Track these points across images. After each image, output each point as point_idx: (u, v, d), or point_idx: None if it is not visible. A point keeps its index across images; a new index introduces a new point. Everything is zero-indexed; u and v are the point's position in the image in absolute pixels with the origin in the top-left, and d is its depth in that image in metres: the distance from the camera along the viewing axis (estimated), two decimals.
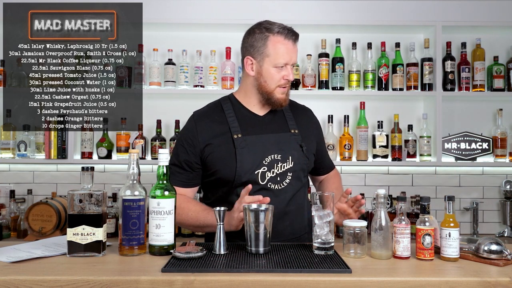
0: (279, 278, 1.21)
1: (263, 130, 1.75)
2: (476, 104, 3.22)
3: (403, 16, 3.23)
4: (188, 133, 1.77)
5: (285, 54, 1.69)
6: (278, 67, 1.70)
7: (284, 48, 1.69)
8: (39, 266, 1.33)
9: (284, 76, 1.71)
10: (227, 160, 1.69)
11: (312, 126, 1.91)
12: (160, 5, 3.23)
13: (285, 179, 1.72)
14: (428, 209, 1.49)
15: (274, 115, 1.81)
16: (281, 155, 1.71)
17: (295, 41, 1.72)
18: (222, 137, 1.73)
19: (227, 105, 1.80)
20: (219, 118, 1.77)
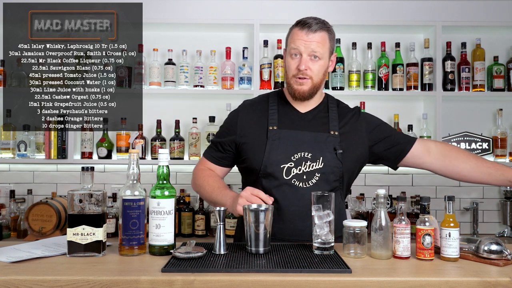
0: (279, 278, 1.21)
1: (301, 126, 1.76)
2: (476, 104, 3.22)
3: (403, 16, 3.23)
4: (231, 118, 1.86)
5: (296, 41, 1.70)
6: (292, 56, 1.72)
7: (297, 36, 1.70)
8: (39, 266, 1.33)
9: (298, 66, 1.70)
10: (257, 150, 1.73)
11: (359, 127, 1.81)
12: (160, 5, 3.23)
13: (312, 178, 1.69)
14: (428, 209, 1.49)
15: (317, 113, 1.80)
16: (311, 154, 1.69)
17: (310, 31, 1.68)
18: (259, 127, 1.77)
19: (273, 98, 1.85)
20: (262, 110, 1.82)
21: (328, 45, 1.73)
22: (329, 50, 1.74)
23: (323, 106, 1.83)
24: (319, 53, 1.70)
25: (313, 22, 1.70)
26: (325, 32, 1.71)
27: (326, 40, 1.71)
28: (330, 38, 1.74)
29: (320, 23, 1.71)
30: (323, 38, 1.71)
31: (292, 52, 1.71)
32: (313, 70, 1.71)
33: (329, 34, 1.73)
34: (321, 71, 1.73)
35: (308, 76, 1.71)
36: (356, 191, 3.12)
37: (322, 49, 1.70)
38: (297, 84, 1.72)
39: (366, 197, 3.10)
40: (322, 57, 1.71)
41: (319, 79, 1.73)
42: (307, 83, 1.72)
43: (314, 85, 1.73)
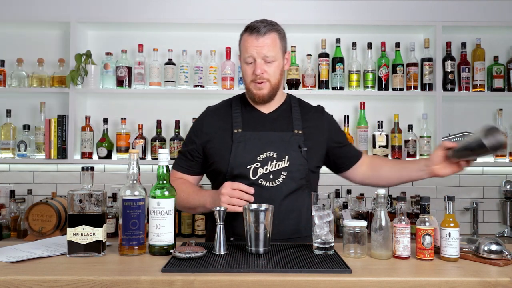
0: (279, 278, 1.21)
1: (265, 127, 1.79)
2: (476, 104, 3.22)
3: (403, 16, 3.23)
4: (196, 125, 1.89)
5: (249, 48, 1.72)
6: (247, 62, 1.75)
7: (247, 43, 1.73)
8: (39, 266, 1.33)
9: (254, 71, 1.73)
10: (223, 153, 1.76)
11: (322, 126, 1.87)
12: (160, 5, 3.23)
13: (278, 177, 1.71)
14: (428, 209, 1.49)
15: (280, 114, 1.84)
16: (277, 154, 1.73)
17: (260, 35, 1.71)
18: (224, 131, 1.80)
19: (236, 102, 1.88)
20: (226, 114, 1.85)
21: (279, 45, 1.75)
22: (281, 50, 1.77)
23: (285, 105, 1.86)
24: (272, 55, 1.72)
25: (261, 25, 1.72)
26: (274, 33, 1.74)
27: (276, 41, 1.74)
28: (280, 38, 1.76)
29: (268, 25, 1.73)
30: (273, 40, 1.73)
31: (247, 60, 1.74)
32: (269, 72, 1.73)
33: (278, 34, 1.75)
34: (277, 71, 1.76)
35: (265, 79, 1.74)
36: (356, 191, 3.12)
37: (273, 51, 1.72)
38: (256, 89, 1.76)
39: (366, 197, 3.10)
40: (276, 58, 1.74)
41: (276, 79, 1.76)
42: (266, 86, 1.75)
43: (273, 86, 1.76)
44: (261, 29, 1.71)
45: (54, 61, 3.13)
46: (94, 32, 3.22)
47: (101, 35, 3.22)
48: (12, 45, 3.19)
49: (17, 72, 3.05)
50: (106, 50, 3.11)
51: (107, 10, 3.21)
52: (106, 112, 3.16)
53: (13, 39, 3.20)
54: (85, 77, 2.99)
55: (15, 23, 3.11)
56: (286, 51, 1.81)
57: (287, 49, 1.82)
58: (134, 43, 3.14)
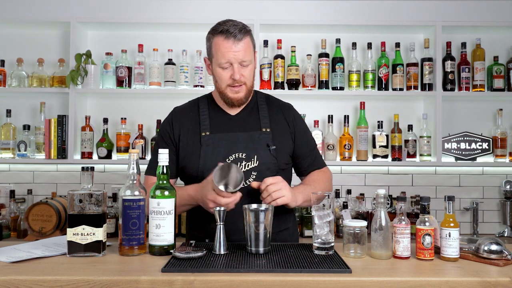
0: (279, 278, 1.21)
1: (233, 128, 1.78)
2: (476, 104, 3.22)
3: (403, 16, 3.23)
4: (165, 126, 1.86)
5: (226, 54, 1.68)
6: (223, 67, 1.71)
7: (224, 48, 1.69)
8: (39, 266, 1.33)
9: (231, 76, 1.70)
10: (193, 157, 1.75)
11: (288, 123, 1.84)
12: (160, 5, 3.23)
13: (249, 177, 1.71)
14: (428, 209, 1.49)
15: (248, 113, 1.82)
16: (246, 154, 1.72)
17: (236, 40, 1.68)
18: (192, 134, 1.79)
19: (204, 103, 1.86)
20: (193, 116, 1.83)
21: (252, 47, 1.75)
22: (252, 53, 1.76)
23: (252, 104, 1.84)
24: (248, 60, 1.71)
25: (235, 30, 1.69)
26: (248, 37, 1.73)
27: (250, 44, 1.73)
28: (251, 40, 1.75)
29: (242, 29, 1.71)
30: (248, 44, 1.72)
31: (223, 66, 1.70)
32: (246, 75, 1.72)
33: (250, 36, 1.75)
34: (252, 74, 1.76)
35: (242, 82, 1.72)
36: (356, 191, 3.12)
37: (249, 55, 1.72)
38: (233, 93, 1.73)
39: (366, 197, 3.10)
40: (251, 61, 1.73)
41: (251, 82, 1.76)
42: (242, 89, 1.73)
43: (248, 89, 1.75)
44: (237, 35, 1.68)
45: (54, 61, 3.13)
46: (94, 32, 3.22)
47: (101, 35, 3.22)
48: (12, 45, 3.19)
49: (17, 72, 3.05)
50: (106, 50, 3.11)
51: (107, 10, 3.21)
52: (106, 112, 3.16)
53: (13, 39, 3.20)
54: (85, 77, 2.99)
55: (15, 23, 3.11)
56: (256, 52, 1.81)
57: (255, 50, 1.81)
58: (134, 43, 3.14)
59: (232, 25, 1.71)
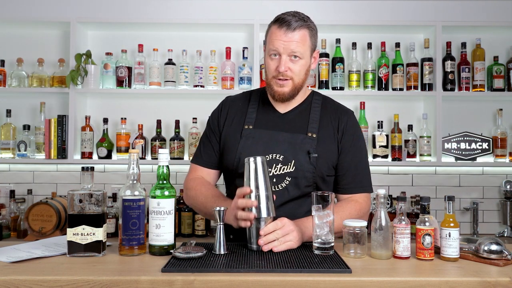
0: (279, 278, 1.21)
1: (277, 126, 1.69)
2: (476, 104, 3.22)
3: (403, 16, 3.23)
4: (214, 115, 1.83)
5: (275, 42, 1.62)
6: (271, 56, 1.64)
7: (275, 36, 1.62)
8: (39, 266, 1.33)
9: (277, 67, 1.62)
10: (231, 149, 1.69)
11: (338, 131, 1.70)
12: (160, 5, 3.23)
13: (282, 182, 1.63)
14: (428, 209, 1.49)
15: (298, 114, 1.72)
16: (284, 156, 1.62)
17: (289, 29, 1.60)
18: (236, 125, 1.73)
19: (255, 96, 1.79)
20: (242, 107, 1.76)
21: (309, 43, 1.64)
22: (310, 48, 1.66)
23: (305, 105, 1.74)
24: (299, 52, 1.61)
25: (292, 19, 1.61)
26: (305, 30, 1.63)
27: (306, 38, 1.63)
28: (311, 35, 1.65)
29: (300, 20, 1.62)
30: (303, 37, 1.62)
31: (271, 52, 1.63)
32: (294, 70, 1.63)
33: (310, 31, 1.65)
34: (302, 70, 1.65)
35: (289, 77, 1.63)
36: None
37: (302, 48, 1.61)
38: (277, 86, 1.65)
39: None
40: (303, 56, 1.62)
41: (300, 79, 1.65)
42: (288, 84, 1.64)
43: (295, 85, 1.65)
44: (291, 23, 1.60)
45: (54, 61, 3.13)
46: (94, 32, 3.22)
47: (101, 35, 3.22)
48: (12, 45, 3.19)
49: (17, 72, 3.05)
50: (106, 50, 3.11)
51: (107, 10, 3.21)
52: (106, 112, 3.16)
53: (13, 39, 3.20)
54: (85, 77, 2.99)
55: (15, 23, 3.11)
56: (316, 49, 1.70)
57: (316, 47, 1.70)
58: (134, 43, 3.14)
59: (291, 14, 1.64)
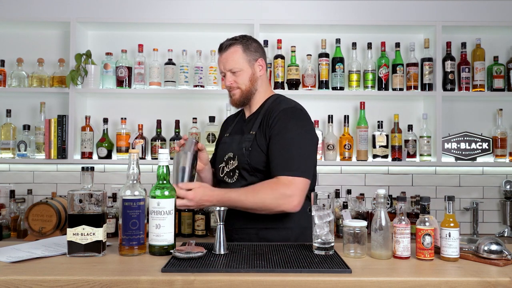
0: (279, 278, 1.21)
1: (238, 131, 1.97)
2: (476, 104, 3.22)
3: (403, 16, 3.23)
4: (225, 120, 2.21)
5: (219, 65, 1.95)
6: (222, 76, 1.96)
7: (218, 60, 1.95)
8: (39, 266, 1.33)
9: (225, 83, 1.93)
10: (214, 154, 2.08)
11: (268, 126, 1.82)
12: (160, 5, 3.23)
13: (234, 175, 1.88)
14: (428, 209, 1.49)
15: (253, 116, 1.95)
16: (233, 154, 1.90)
17: (222, 51, 1.91)
18: (222, 135, 2.08)
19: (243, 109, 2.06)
20: (231, 120, 2.11)
21: (243, 56, 1.88)
22: (247, 60, 1.89)
23: (260, 108, 1.95)
24: (236, 67, 1.88)
25: (225, 42, 1.92)
26: (236, 46, 1.89)
27: (238, 52, 1.88)
28: (244, 49, 1.89)
29: (231, 40, 1.91)
30: (235, 52, 1.88)
31: (222, 74, 1.95)
32: (238, 81, 1.89)
33: (242, 45, 1.89)
34: (246, 79, 1.89)
35: (235, 87, 1.90)
36: (356, 191, 3.12)
37: (236, 64, 1.88)
38: (229, 97, 1.95)
39: (366, 197, 3.10)
40: (241, 68, 1.87)
41: (246, 86, 1.90)
42: (236, 92, 1.91)
43: (244, 92, 1.90)
44: (223, 45, 1.91)
45: (54, 61, 3.13)
46: (94, 32, 3.22)
47: (101, 35, 3.22)
48: (12, 45, 3.19)
49: (17, 72, 3.05)
50: (106, 50, 3.11)
51: (107, 10, 3.21)
52: (106, 112, 3.16)
53: (13, 39, 3.20)
54: (85, 77, 2.99)
55: (15, 23, 3.11)
56: (257, 59, 1.91)
57: (258, 57, 1.91)
58: (134, 43, 3.14)
59: (227, 39, 1.94)
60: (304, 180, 1.73)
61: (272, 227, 1.80)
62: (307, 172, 1.75)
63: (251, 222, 1.79)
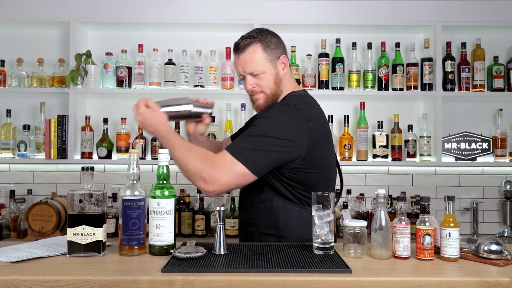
0: (279, 278, 1.21)
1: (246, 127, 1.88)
2: (476, 104, 3.22)
3: (403, 16, 3.23)
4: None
5: (237, 67, 1.77)
6: (241, 79, 1.78)
7: (234, 61, 1.77)
8: (39, 266, 1.33)
9: (245, 88, 1.77)
10: None
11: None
12: (160, 5, 3.23)
13: None
14: (428, 209, 1.49)
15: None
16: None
17: (239, 51, 1.73)
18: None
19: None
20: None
21: (264, 55, 1.71)
22: (269, 59, 1.72)
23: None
24: (256, 69, 1.71)
25: (240, 41, 1.73)
26: (255, 45, 1.71)
27: (258, 52, 1.71)
28: (264, 47, 1.72)
29: (248, 38, 1.72)
30: (254, 52, 1.71)
31: (240, 78, 1.78)
32: (261, 84, 1.73)
33: (261, 43, 1.72)
34: (270, 81, 1.73)
35: (258, 91, 1.74)
36: (356, 191, 3.12)
37: (257, 65, 1.70)
38: (253, 102, 1.79)
39: (366, 197, 3.10)
40: (263, 70, 1.71)
41: (271, 89, 1.73)
42: (261, 97, 1.75)
43: (268, 96, 1.74)
44: (239, 45, 1.72)
45: (54, 61, 3.13)
46: (94, 32, 3.22)
47: (101, 35, 3.22)
48: (12, 45, 3.19)
49: (17, 72, 3.05)
50: (106, 50, 3.11)
51: (107, 10, 3.21)
52: (106, 112, 3.16)
53: (13, 39, 3.20)
54: (85, 77, 2.99)
55: (15, 23, 3.11)
56: (279, 56, 1.75)
57: (280, 54, 1.75)
58: (134, 43, 3.14)
59: (242, 37, 1.74)
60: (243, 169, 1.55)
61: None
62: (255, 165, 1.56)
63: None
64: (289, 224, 1.69)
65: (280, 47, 1.77)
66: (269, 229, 1.72)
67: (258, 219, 1.74)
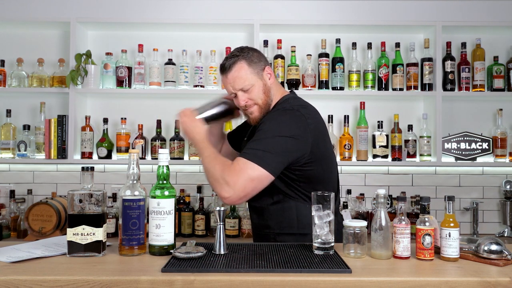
0: (279, 278, 1.21)
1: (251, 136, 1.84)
2: (476, 104, 3.22)
3: (403, 16, 3.23)
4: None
5: (226, 87, 1.83)
6: (233, 96, 1.84)
7: (223, 82, 1.85)
8: (39, 266, 1.33)
9: (238, 104, 1.83)
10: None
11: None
12: (160, 5, 3.23)
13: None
14: (428, 209, 1.49)
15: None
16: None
17: (226, 71, 1.80)
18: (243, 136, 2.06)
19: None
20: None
21: (250, 70, 1.78)
22: (255, 72, 1.79)
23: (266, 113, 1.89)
24: (245, 84, 1.78)
25: (225, 62, 1.80)
26: (239, 63, 1.78)
27: (244, 68, 1.78)
28: (248, 63, 1.79)
29: (231, 58, 1.79)
30: (240, 69, 1.77)
31: (231, 95, 1.84)
32: (252, 97, 1.80)
33: (245, 60, 1.78)
34: (260, 92, 1.80)
35: (252, 104, 1.81)
36: (356, 191, 3.12)
37: (245, 80, 1.77)
38: (247, 115, 1.86)
39: (366, 197, 3.10)
40: (252, 83, 1.78)
41: (261, 99, 1.81)
42: (255, 109, 1.82)
43: (261, 106, 1.81)
44: (225, 66, 1.79)
45: (54, 61, 3.13)
46: (94, 32, 3.22)
47: (101, 35, 3.22)
48: (12, 45, 3.19)
49: (17, 72, 3.05)
50: (106, 50, 3.11)
51: (107, 10, 3.21)
52: (106, 112, 3.16)
53: (13, 39, 3.20)
54: (85, 77, 2.99)
55: (15, 23, 3.11)
56: (264, 68, 1.82)
57: (264, 65, 1.83)
58: (134, 43, 3.14)
59: (226, 57, 1.82)
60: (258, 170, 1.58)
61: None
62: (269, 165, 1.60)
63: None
64: (303, 221, 1.74)
65: (263, 60, 1.85)
66: (284, 228, 1.78)
67: (272, 220, 1.80)
